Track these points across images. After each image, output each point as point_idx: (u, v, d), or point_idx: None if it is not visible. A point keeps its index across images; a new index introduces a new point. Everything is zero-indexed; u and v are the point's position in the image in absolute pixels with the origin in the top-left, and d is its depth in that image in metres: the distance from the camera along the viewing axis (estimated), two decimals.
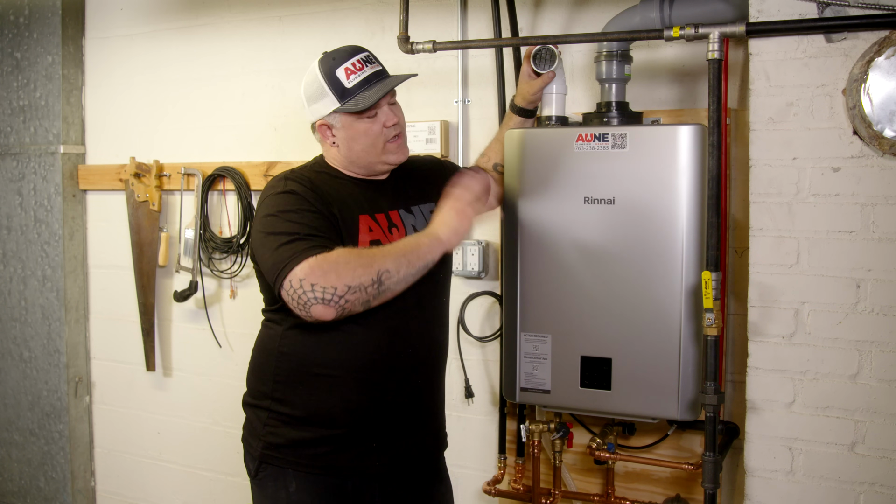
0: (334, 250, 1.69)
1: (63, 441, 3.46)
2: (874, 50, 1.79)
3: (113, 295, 3.43)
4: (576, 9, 2.48)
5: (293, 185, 1.83)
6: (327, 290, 1.64)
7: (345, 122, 1.89)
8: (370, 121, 1.88)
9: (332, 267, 1.65)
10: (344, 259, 1.67)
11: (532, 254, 2.15)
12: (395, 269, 1.70)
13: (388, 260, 1.70)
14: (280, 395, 1.88)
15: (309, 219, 1.77)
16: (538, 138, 2.14)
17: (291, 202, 1.79)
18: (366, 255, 1.70)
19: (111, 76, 3.38)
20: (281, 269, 1.68)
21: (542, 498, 2.41)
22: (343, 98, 1.86)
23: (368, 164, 1.93)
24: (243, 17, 3.06)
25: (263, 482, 1.91)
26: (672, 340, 2.01)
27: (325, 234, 1.75)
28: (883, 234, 1.82)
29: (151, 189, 3.22)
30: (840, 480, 1.88)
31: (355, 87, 1.86)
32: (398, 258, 1.71)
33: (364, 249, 1.74)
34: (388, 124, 1.89)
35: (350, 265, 1.66)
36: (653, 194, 2.01)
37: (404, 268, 1.71)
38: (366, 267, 1.67)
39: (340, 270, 1.65)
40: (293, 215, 1.77)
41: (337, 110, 1.87)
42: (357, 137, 1.89)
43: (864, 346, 1.85)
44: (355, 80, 1.86)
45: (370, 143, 1.89)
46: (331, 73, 1.87)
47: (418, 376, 1.95)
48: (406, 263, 1.71)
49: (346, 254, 1.69)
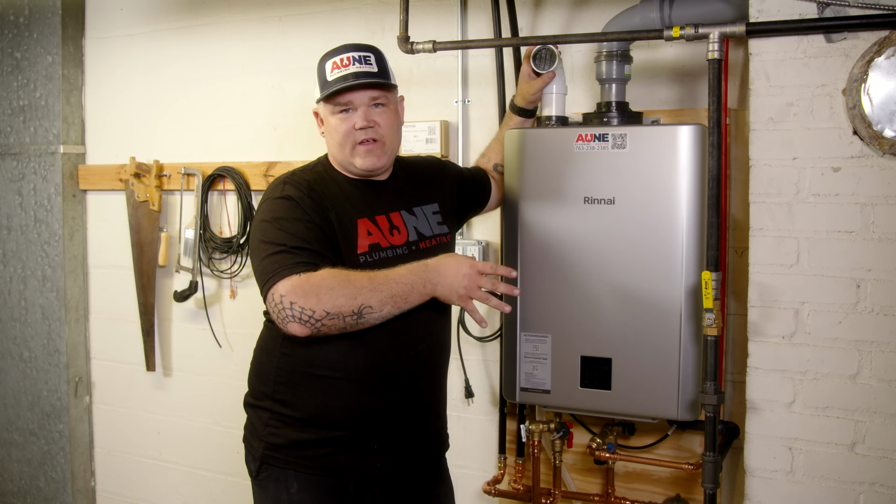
0: (321, 271, 1.68)
1: (63, 441, 3.46)
2: (874, 50, 1.79)
3: (113, 295, 3.43)
4: (576, 9, 2.48)
5: (291, 189, 1.83)
6: (305, 311, 1.66)
7: (324, 113, 1.92)
8: (341, 117, 1.89)
9: (313, 290, 1.66)
10: (328, 284, 1.67)
11: (532, 254, 2.15)
12: (379, 306, 1.69)
13: (374, 296, 1.68)
14: (281, 396, 1.88)
15: (299, 229, 1.76)
16: (538, 138, 2.14)
17: (285, 209, 1.80)
18: (351, 285, 1.68)
19: (111, 76, 3.37)
20: (266, 280, 1.71)
21: (542, 498, 2.41)
22: (323, 89, 1.90)
23: (344, 163, 1.92)
24: (243, 17, 3.06)
25: (265, 483, 1.90)
26: (672, 340, 2.01)
27: (313, 246, 1.75)
28: (883, 234, 1.82)
29: (151, 189, 3.22)
30: (840, 480, 1.88)
31: (333, 82, 1.87)
32: (385, 299, 1.69)
33: (353, 276, 1.70)
34: (357, 126, 1.87)
35: (333, 292, 1.66)
36: (653, 194, 2.01)
37: (388, 307, 1.71)
38: (349, 298, 1.67)
39: (322, 295, 1.66)
40: (285, 223, 1.77)
41: (317, 100, 1.92)
42: (330, 132, 1.92)
43: (864, 346, 1.85)
44: (336, 74, 1.88)
45: (339, 140, 1.89)
46: (322, 64, 1.91)
47: (420, 377, 1.95)
48: (392, 303, 1.71)
49: (331, 278, 1.68)
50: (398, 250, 1.89)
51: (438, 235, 2.00)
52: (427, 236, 1.96)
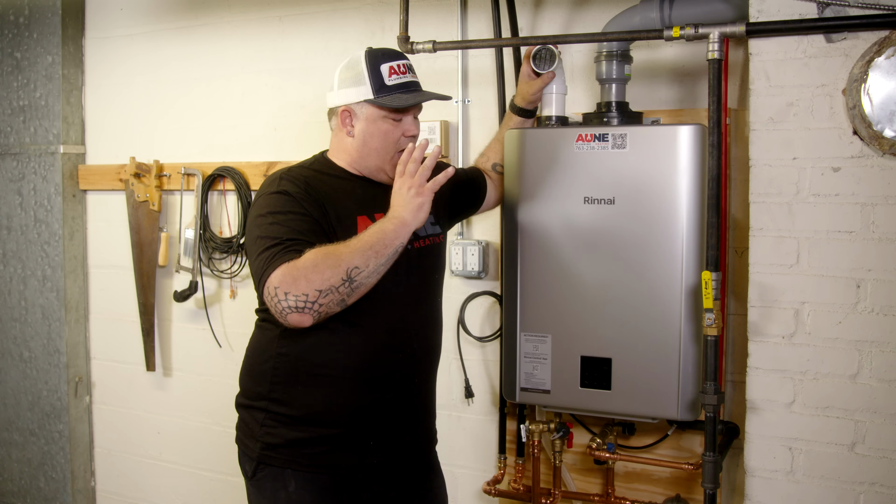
0: (304, 254, 1.68)
1: (63, 441, 3.46)
2: (874, 50, 1.79)
3: (113, 295, 3.43)
4: (576, 9, 2.48)
5: (286, 184, 1.82)
6: (299, 298, 1.64)
7: (370, 115, 1.89)
8: (394, 124, 1.89)
9: (301, 273, 1.65)
10: (311, 263, 1.66)
11: (532, 254, 2.15)
12: (364, 263, 1.68)
13: (356, 256, 1.68)
14: (278, 396, 1.88)
15: (294, 222, 1.76)
16: (538, 138, 2.14)
17: (280, 203, 1.79)
18: (333, 255, 1.67)
19: (111, 76, 3.37)
20: (260, 276, 1.70)
21: (542, 498, 2.41)
22: (379, 92, 1.86)
23: (375, 167, 1.92)
24: (243, 17, 3.06)
25: (261, 483, 1.90)
26: (672, 340, 2.01)
27: (307, 237, 1.73)
28: (883, 234, 1.82)
29: (151, 189, 3.22)
30: (840, 480, 1.88)
31: (394, 87, 1.87)
32: (365, 251, 1.68)
33: (331, 248, 1.69)
34: (408, 134, 1.90)
35: (318, 268, 1.65)
36: (653, 194, 2.01)
37: (373, 260, 1.69)
38: (334, 268, 1.66)
39: (310, 275, 1.65)
40: (280, 217, 1.76)
41: (370, 101, 1.87)
42: (375, 135, 1.89)
43: (864, 346, 1.85)
44: (396, 80, 1.87)
45: (385, 145, 1.89)
46: (375, 66, 1.88)
47: (415, 374, 1.96)
48: (374, 255, 1.69)
49: (313, 257, 1.67)
50: None
51: (432, 235, 2.00)
52: (421, 236, 1.96)
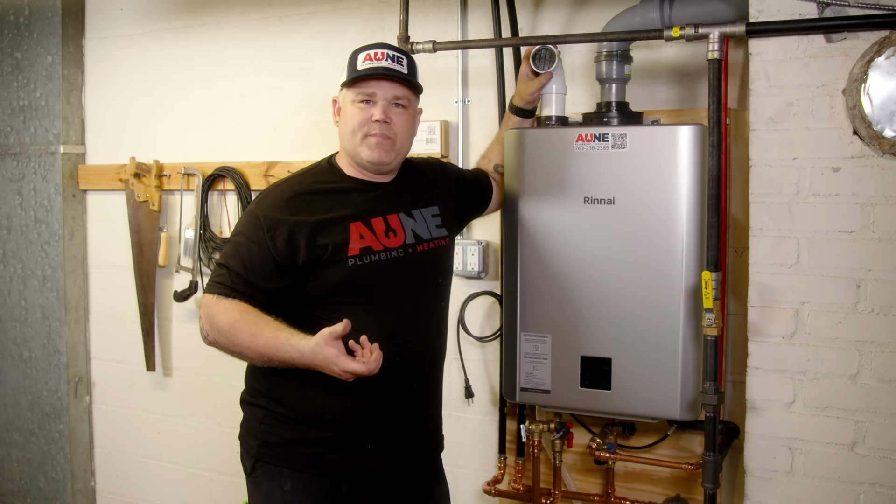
0: (223, 303, 1.80)
1: (63, 441, 3.46)
2: (874, 50, 1.79)
3: (113, 295, 3.43)
4: (576, 9, 2.48)
5: (266, 204, 1.89)
6: (204, 329, 1.83)
7: (344, 100, 1.93)
8: (362, 107, 1.89)
9: (212, 316, 1.81)
10: (220, 320, 1.80)
11: (532, 254, 2.15)
12: (257, 360, 1.81)
13: (252, 353, 1.79)
14: (277, 395, 1.89)
15: (249, 253, 1.83)
16: (538, 138, 2.14)
17: (249, 227, 1.87)
18: (235, 333, 1.78)
19: (111, 76, 3.37)
20: (207, 284, 1.88)
21: (542, 498, 2.41)
22: (350, 77, 1.90)
23: (352, 153, 1.92)
24: (243, 17, 3.06)
25: (259, 480, 1.91)
26: (672, 340, 2.01)
27: (250, 275, 1.81)
28: (883, 234, 1.82)
29: (151, 189, 3.22)
30: (840, 480, 1.88)
31: (363, 71, 1.88)
32: (262, 360, 1.80)
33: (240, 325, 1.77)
34: (374, 118, 1.88)
35: (220, 330, 1.80)
36: (653, 194, 2.01)
37: (259, 354, 1.79)
38: (231, 343, 1.80)
39: (214, 325, 1.81)
40: (242, 241, 1.85)
41: (342, 85, 1.93)
42: (346, 119, 1.92)
43: (864, 346, 1.85)
44: (368, 64, 1.89)
45: (352, 128, 1.90)
46: (354, 54, 1.92)
47: (415, 379, 1.95)
48: (263, 353, 1.77)
49: (224, 316, 1.79)
50: (392, 253, 1.89)
51: (437, 238, 1.99)
52: (425, 239, 1.96)
